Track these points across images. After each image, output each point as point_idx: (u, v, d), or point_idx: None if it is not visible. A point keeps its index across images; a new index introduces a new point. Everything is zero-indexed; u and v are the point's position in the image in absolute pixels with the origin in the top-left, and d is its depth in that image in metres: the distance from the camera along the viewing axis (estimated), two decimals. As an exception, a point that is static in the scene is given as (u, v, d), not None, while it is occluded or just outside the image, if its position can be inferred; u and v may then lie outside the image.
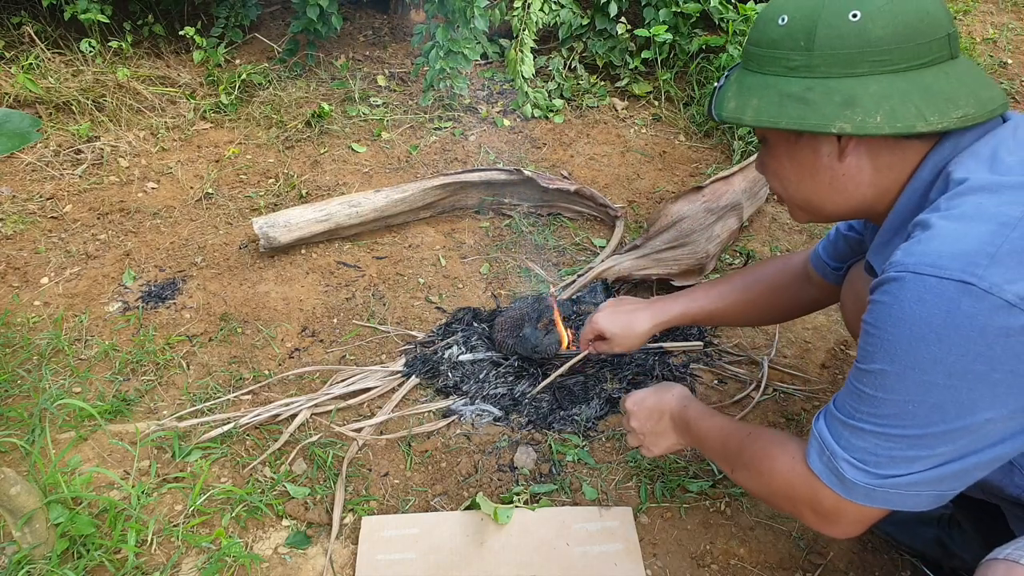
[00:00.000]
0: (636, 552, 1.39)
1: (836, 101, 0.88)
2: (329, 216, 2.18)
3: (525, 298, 1.95)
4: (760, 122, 0.93)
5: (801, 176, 0.99)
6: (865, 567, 1.38)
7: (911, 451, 0.84)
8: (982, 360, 0.77)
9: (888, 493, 0.86)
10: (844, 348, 1.90)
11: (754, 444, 1.05)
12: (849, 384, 0.90)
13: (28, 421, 1.64)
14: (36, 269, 2.13)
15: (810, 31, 0.89)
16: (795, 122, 0.90)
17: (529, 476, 1.55)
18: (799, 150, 0.97)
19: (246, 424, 1.63)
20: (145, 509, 1.46)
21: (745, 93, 0.96)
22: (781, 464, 0.99)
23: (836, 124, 0.88)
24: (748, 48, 0.98)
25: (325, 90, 3.09)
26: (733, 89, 0.98)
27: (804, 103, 0.90)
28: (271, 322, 1.96)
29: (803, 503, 0.96)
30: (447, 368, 1.80)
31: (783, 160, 1.01)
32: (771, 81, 0.93)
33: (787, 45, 0.91)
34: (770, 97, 0.92)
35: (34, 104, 2.81)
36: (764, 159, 1.06)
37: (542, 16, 3.03)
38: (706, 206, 2.08)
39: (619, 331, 1.50)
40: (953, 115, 0.87)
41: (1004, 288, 0.75)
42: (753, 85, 0.95)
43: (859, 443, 0.87)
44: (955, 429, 0.81)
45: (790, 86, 0.91)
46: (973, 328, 0.76)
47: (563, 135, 2.89)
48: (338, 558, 1.40)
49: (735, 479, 1.11)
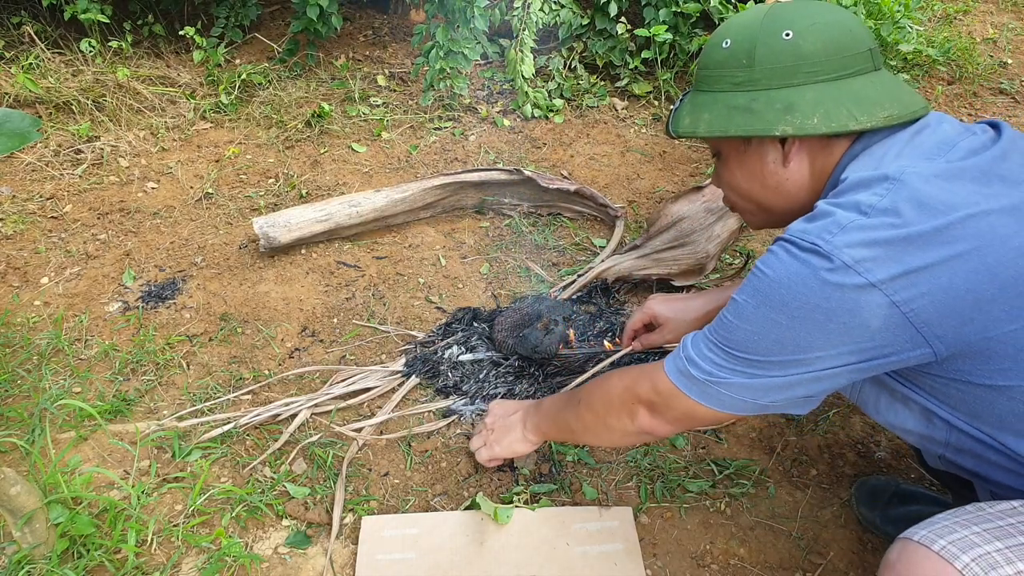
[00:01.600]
0: (636, 552, 1.39)
1: (777, 108, 1.00)
2: (329, 216, 2.18)
3: (525, 298, 1.95)
4: (712, 132, 1.05)
5: (752, 183, 1.11)
6: (865, 567, 1.38)
7: (748, 369, 0.98)
8: (820, 311, 0.89)
9: (720, 392, 1.00)
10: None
11: (592, 384, 1.22)
12: (720, 312, 1.02)
13: (28, 421, 1.64)
14: (36, 269, 2.13)
15: (750, 50, 1.02)
16: (743, 129, 1.02)
17: (529, 476, 1.55)
18: (748, 158, 1.09)
19: (246, 424, 1.63)
20: (145, 509, 1.46)
21: (697, 109, 1.09)
22: (620, 378, 1.15)
23: (779, 127, 1.00)
24: (698, 72, 1.11)
25: (325, 90, 3.09)
26: (687, 108, 1.12)
27: (749, 112, 1.02)
28: (271, 322, 1.96)
29: (641, 400, 1.11)
30: (447, 368, 1.80)
31: (734, 170, 1.13)
32: (720, 97, 1.06)
33: (731, 64, 1.04)
34: (719, 110, 1.05)
35: (34, 104, 2.82)
36: (719, 172, 1.18)
37: (542, 16, 3.03)
38: (706, 206, 2.07)
39: (673, 315, 1.55)
40: (880, 115, 0.98)
41: (844, 252, 0.87)
42: (704, 102, 1.08)
43: (708, 354, 1.01)
44: (788, 361, 0.95)
45: (736, 99, 1.04)
46: (815, 282, 0.89)
47: (563, 135, 2.89)
48: (338, 558, 1.40)
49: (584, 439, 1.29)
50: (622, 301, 2.06)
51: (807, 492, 1.53)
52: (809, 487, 1.54)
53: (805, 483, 1.54)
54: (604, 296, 2.05)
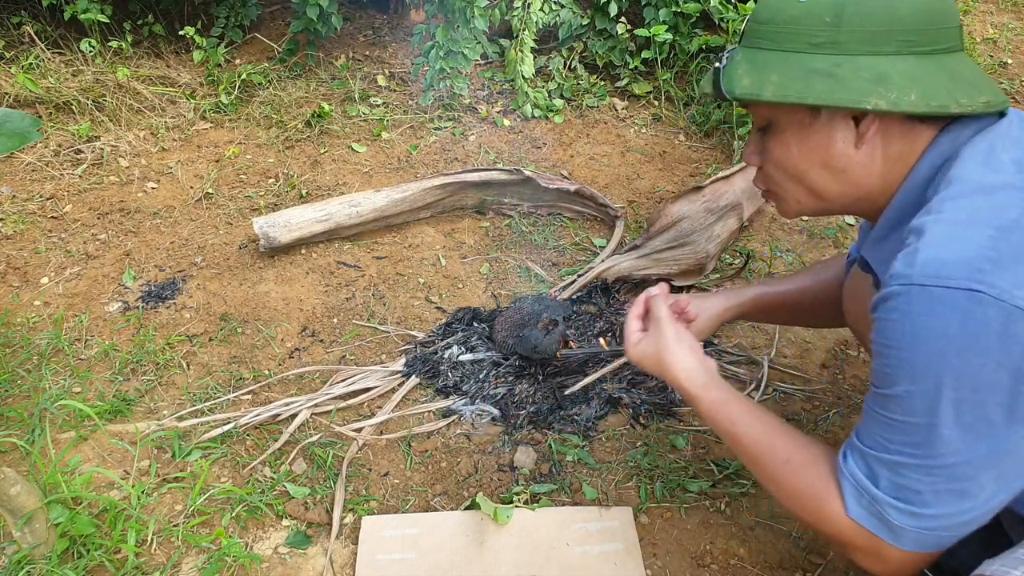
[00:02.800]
0: (636, 552, 1.39)
1: (866, 77, 0.85)
2: (329, 216, 2.18)
3: (525, 298, 1.95)
4: (784, 97, 0.89)
5: (810, 162, 0.95)
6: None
7: (955, 483, 0.80)
8: (1004, 370, 0.75)
9: (940, 536, 0.82)
10: (844, 348, 1.90)
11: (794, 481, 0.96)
12: (871, 412, 0.86)
13: (28, 421, 1.64)
14: (36, 269, 2.13)
15: (837, 7, 0.87)
16: (826, 97, 0.86)
17: (529, 476, 1.55)
18: (812, 133, 0.93)
19: (246, 424, 1.63)
20: (145, 509, 1.46)
21: (761, 69, 0.92)
22: (827, 508, 0.91)
23: (871, 100, 0.85)
24: (757, 27, 0.94)
25: (325, 90, 3.09)
26: (743, 67, 0.94)
27: (833, 78, 0.86)
28: (271, 322, 1.96)
29: (852, 549, 0.91)
30: (447, 368, 1.80)
31: (791, 145, 0.96)
32: (793, 58, 0.90)
33: (810, 21, 0.88)
34: (793, 72, 0.89)
35: (34, 104, 2.81)
36: (766, 147, 1.00)
37: (542, 16, 3.03)
38: (706, 206, 2.08)
39: (690, 310, 1.39)
40: (979, 100, 0.86)
41: (1014, 294, 0.73)
42: (769, 61, 0.91)
43: (898, 480, 0.82)
44: (994, 451, 0.78)
45: (815, 62, 0.88)
46: (990, 337, 0.74)
47: (563, 135, 2.89)
48: (338, 558, 1.40)
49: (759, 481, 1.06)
50: (622, 301, 2.06)
51: (807, 492, 1.52)
52: (809, 487, 1.53)
53: (805, 483, 1.54)
54: (604, 296, 2.05)
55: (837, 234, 2.34)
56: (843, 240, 2.32)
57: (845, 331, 1.95)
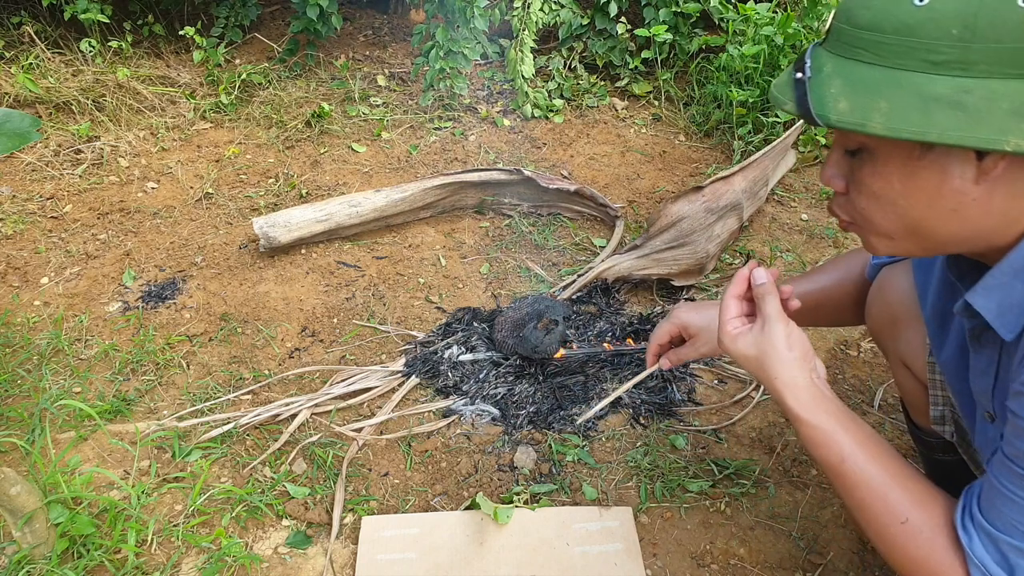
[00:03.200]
0: (636, 552, 1.39)
1: (1004, 109, 0.68)
2: (329, 216, 2.18)
3: (525, 298, 1.95)
4: (896, 132, 0.71)
5: (916, 199, 0.78)
6: (865, 567, 1.38)
7: None
8: None
9: None
10: (844, 348, 1.90)
11: (909, 548, 0.85)
12: (1004, 491, 0.77)
13: (28, 421, 1.64)
14: (36, 269, 2.13)
15: (968, 17, 0.68)
16: (952, 134, 0.69)
17: (529, 476, 1.55)
18: (922, 169, 0.76)
19: (246, 424, 1.63)
20: (145, 509, 1.46)
21: (864, 91, 0.73)
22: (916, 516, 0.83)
23: (1010, 139, 0.67)
24: (854, 32, 0.75)
25: (325, 90, 3.09)
26: (838, 84, 0.75)
27: (961, 110, 0.69)
28: (271, 322, 1.96)
29: None
30: (447, 368, 1.80)
31: (892, 180, 0.78)
32: (903, 78, 0.71)
33: (931, 33, 0.69)
34: (907, 99, 0.70)
35: (34, 104, 2.81)
36: (857, 175, 0.82)
37: (542, 16, 3.03)
38: (706, 206, 2.08)
39: (707, 324, 1.25)
40: None
41: None
42: (876, 81, 0.73)
43: None
44: None
45: (935, 86, 0.70)
46: None
47: (563, 135, 2.89)
48: (338, 558, 1.40)
49: (861, 528, 0.93)
50: (622, 301, 2.06)
51: (807, 492, 1.53)
52: (809, 487, 1.54)
53: (805, 483, 1.54)
54: (604, 296, 2.05)
55: (837, 234, 2.34)
56: (843, 240, 2.32)
57: (845, 331, 1.95)
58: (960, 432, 1.15)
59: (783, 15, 2.74)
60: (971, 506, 0.81)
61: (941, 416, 1.16)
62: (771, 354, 0.96)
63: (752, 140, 2.70)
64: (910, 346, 1.19)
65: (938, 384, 1.15)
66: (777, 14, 2.84)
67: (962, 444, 1.16)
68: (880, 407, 1.73)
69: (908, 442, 1.64)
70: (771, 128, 2.68)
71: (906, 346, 1.20)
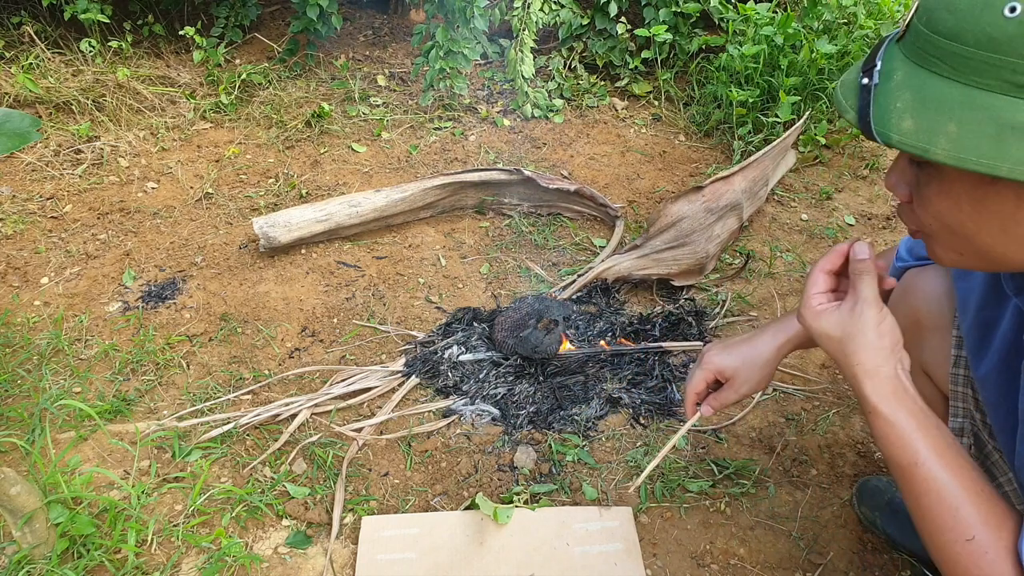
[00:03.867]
0: (636, 552, 1.39)
1: None
2: (329, 216, 2.18)
3: (525, 298, 1.95)
4: (962, 161, 0.64)
5: (988, 224, 0.72)
6: (865, 567, 1.38)
7: None
8: None
9: None
10: (844, 348, 1.90)
11: (969, 567, 0.80)
12: None
13: (28, 421, 1.64)
14: (36, 269, 2.13)
15: None
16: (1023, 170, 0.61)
17: (529, 476, 1.55)
18: (992, 195, 0.69)
19: (246, 424, 1.63)
20: (145, 509, 1.46)
21: (933, 110, 0.66)
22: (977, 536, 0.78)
23: None
24: (933, 39, 0.66)
25: (325, 90, 3.09)
26: (906, 98, 0.68)
27: None
28: (271, 322, 1.96)
29: None
30: (447, 368, 1.80)
31: (961, 202, 0.72)
32: (981, 99, 0.63)
33: (1019, 50, 0.61)
34: (981, 125, 0.63)
35: (34, 104, 2.81)
36: (922, 191, 0.76)
37: (542, 16, 3.03)
38: (706, 206, 2.08)
39: (742, 363, 1.16)
40: None
41: None
42: (948, 99, 0.65)
43: None
44: None
45: (1016, 113, 0.62)
46: None
47: (563, 135, 2.90)
48: (338, 558, 1.40)
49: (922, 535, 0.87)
50: (622, 301, 2.06)
51: (807, 492, 1.53)
52: (809, 487, 1.54)
53: (805, 483, 1.54)
54: (604, 296, 2.05)
55: (837, 234, 2.34)
56: (843, 240, 2.31)
57: (845, 331, 1.94)
58: (979, 445, 1.11)
59: (783, 15, 2.74)
60: None
61: (960, 428, 1.12)
62: (858, 338, 0.87)
63: (752, 140, 2.70)
64: (935, 354, 1.14)
65: (960, 396, 1.10)
66: (777, 14, 2.84)
67: (979, 457, 1.12)
68: (880, 407, 1.73)
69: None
70: (771, 128, 2.68)
71: (930, 354, 1.15)
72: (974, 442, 1.13)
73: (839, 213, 2.46)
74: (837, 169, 2.69)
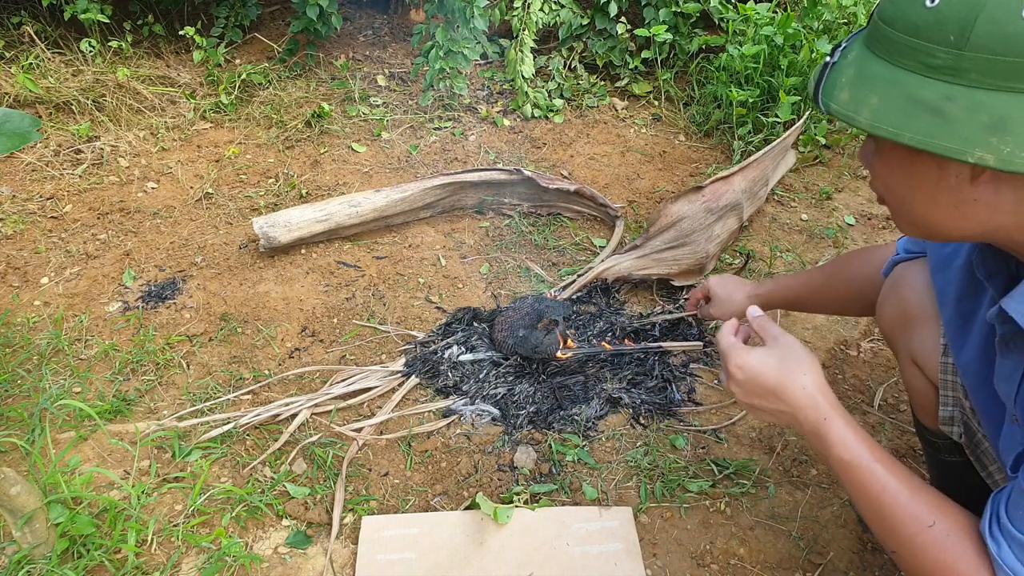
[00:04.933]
0: (636, 552, 1.39)
1: (981, 121, 0.68)
2: (329, 216, 2.18)
3: (525, 298, 1.95)
4: (877, 128, 0.73)
5: (917, 193, 0.79)
6: (865, 567, 1.38)
7: None
8: None
9: None
10: (844, 348, 1.90)
11: (936, 553, 0.84)
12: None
13: (28, 421, 1.64)
14: (36, 269, 2.13)
15: (965, 23, 0.68)
16: (922, 140, 0.70)
17: (529, 476, 1.55)
18: (919, 164, 0.77)
19: (246, 424, 1.63)
20: (145, 509, 1.46)
21: (865, 84, 0.75)
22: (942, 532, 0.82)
23: (975, 152, 0.68)
24: (879, 25, 0.76)
25: (325, 90, 3.09)
26: (850, 74, 0.77)
27: (939, 116, 0.69)
28: (271, 322, 1.96)
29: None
30: (447, 368, 1.80)
31: (896, 170, 0.81)
32: (901, 77, 0.72)
33: (932, 36, 0.70)
34: (895, 99, 0.72)
35: (34, 104, 2.81)
36: (873, 159, 0.85)
37: (542, 16, 3.03)
38: (706, 206, 2.08)
39: (723, 295, 1.60)
40: None
41: None
42: (877, 76, 0.74)
43: None
44: None
45: (924, 89, 0.70)
46: None
47: (563, 135, 2.89)
48: (338, 558, 1.40)
49: (887, 552, 0.92)
50: (622, 301, 2.06)
51: (807, 492, 1.53)
52: (809, 487, 1.54)
53: (805, 483, 1.55)
54: (604, 296, 2.05)
55: (837, 234, 2.34)
56: (843, 240, 2.32)
57: (845, 331, 1.95)
58: (968, 433, 1.14)
59: (783, 15, 2.74)
60: (998, 512, 0.80)
61: (950, 417, 1.15)
62: (791, 362, 0.96)
63: (752, 140, 2.70)
64: (924, 345, 1.18)
65: (950, 385, 1.13)
66: (777, 14, 2.84)
67: (969, 445, 1.15)
68: (880, 407, 1.73)
69: (908, 443, 1.64)
70: (771, 128, 2.68)
71: (919, 345, 1.19)
72: (964, 430, 1.15)
73: (839, 213, 2.46)
74: (837, 169, 2.69)
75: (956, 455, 1.22)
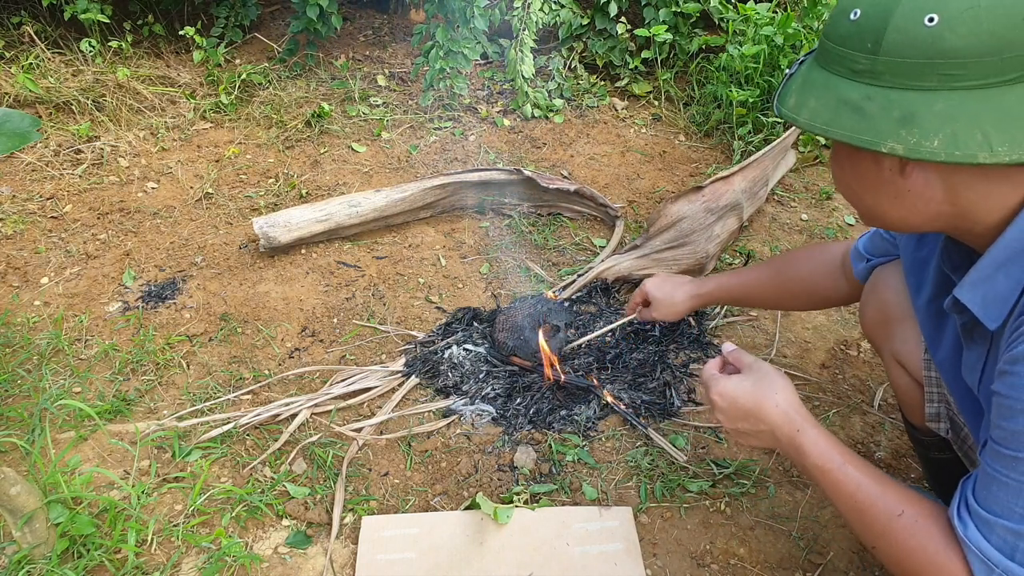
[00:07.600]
0: (636, 552, 1.39)
1: (894, 116, 0.76)
2: (329, 216, 2.18)
3: (526, 299, 1.95)
4: (812, 127, 0.83)
5: (863, 186, 0.88)
6: (865, 567, 1.38)
7: None
8: None
9: None
10: (844, 348, 1.90)
11: (906, 539, 0.88)
12: (995, 475, 0.80)
13: (28, 421, 1.64)
14: (36, 269, 2.13)
15: (879, 32, 0.77)
16: (846, 134, 0.79)
17: (529, 476, 1.55)
18: (860, 160, 0.86)
19: (246, 424, 1.63)
20: (145, 509, 1.46)
21: (806, 90, 0.86)
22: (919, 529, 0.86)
23: (887, 143, 0.76)
24: (823, 40, 0.86)
25: (325, 90, 3.09)
26: (798, 82, 0.88)
27: (859, 114, 0.79)
28: (271, 322, 1.96)
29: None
30: (447, 368, 1.80)
31: (845, 168, 0.90)
32: (833, 82, 0.83)
33: (854, 44, 0.79)
34: (827, 100, 0.82)
35: (34, 104, 2.81)
36: (831, 159, 0.96)
37: (542, 16, 3.03)
38: (706, 206, 2.08)
39: (662, 297, 1.60)
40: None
41: None
42: (816, 82, 0.85)
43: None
44: None
45: (850, 91, 0.80)
46: None
47: (563, 135, 2.89)
48: (338, 558, 1.40)
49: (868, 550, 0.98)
50: (622, 301, 2.06)
51: (807, 492, 1.53)
52: (809, 487, 1.54)
53: (805, 483, 1.54)
54: (604, 296, 2.05)
55: (837, 234, 2.34)
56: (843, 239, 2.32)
57: (845, 331, 1.95)
58: (955, 429, 1.16)
59: (783, 15, 2.74)
60: (966, 495, 0.84)
61: (936, 413, 1.18)
62: (767, 383, 1.03)
63: (752, 140, 2.70)
64: (905, 345, 1.21)
65: (934, 381, 1.16)
66: (777, 14, 2.84)
67: (956, 441, 1.17)
68: (880, 407, 1.73)
69: (907, 442, 1.64)
70: (771, 128, 2.68)
71: (901, 344, 1.22)
72: (950, 426, 1.16)
73: (839, 213, 2.46)
74: (837, 169, 2.69)
75: (945, 452, 1.23)
